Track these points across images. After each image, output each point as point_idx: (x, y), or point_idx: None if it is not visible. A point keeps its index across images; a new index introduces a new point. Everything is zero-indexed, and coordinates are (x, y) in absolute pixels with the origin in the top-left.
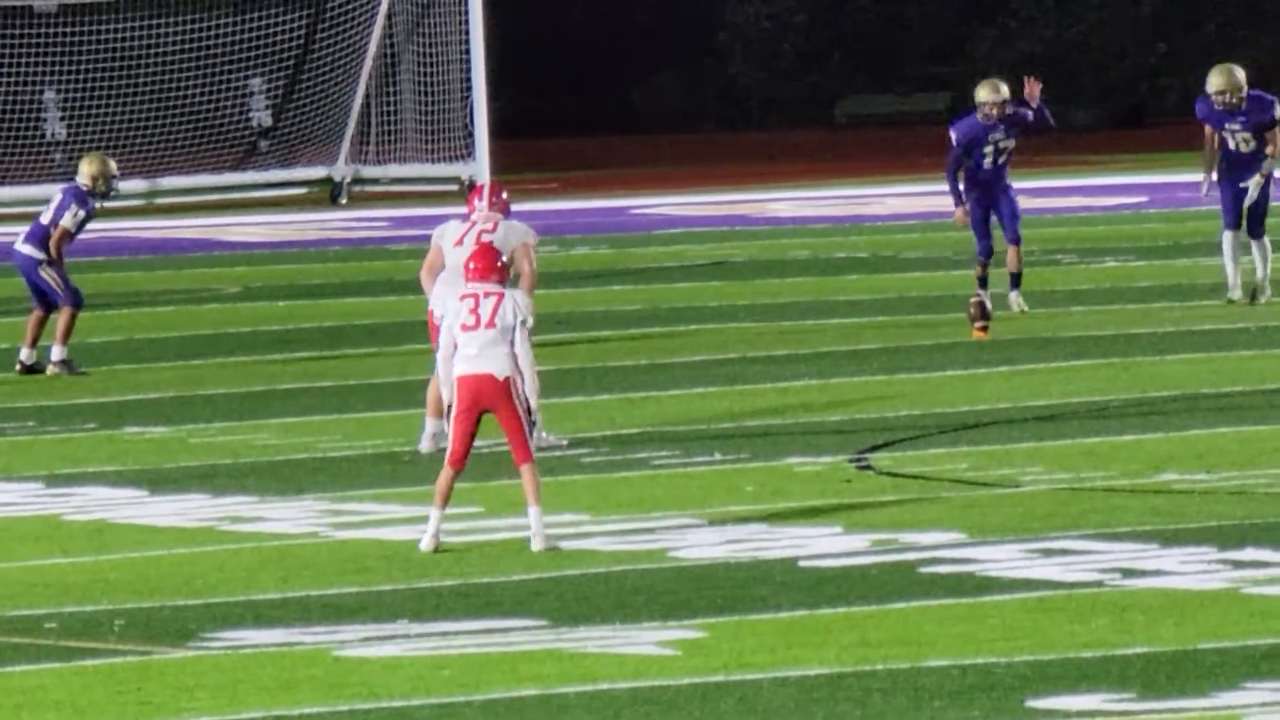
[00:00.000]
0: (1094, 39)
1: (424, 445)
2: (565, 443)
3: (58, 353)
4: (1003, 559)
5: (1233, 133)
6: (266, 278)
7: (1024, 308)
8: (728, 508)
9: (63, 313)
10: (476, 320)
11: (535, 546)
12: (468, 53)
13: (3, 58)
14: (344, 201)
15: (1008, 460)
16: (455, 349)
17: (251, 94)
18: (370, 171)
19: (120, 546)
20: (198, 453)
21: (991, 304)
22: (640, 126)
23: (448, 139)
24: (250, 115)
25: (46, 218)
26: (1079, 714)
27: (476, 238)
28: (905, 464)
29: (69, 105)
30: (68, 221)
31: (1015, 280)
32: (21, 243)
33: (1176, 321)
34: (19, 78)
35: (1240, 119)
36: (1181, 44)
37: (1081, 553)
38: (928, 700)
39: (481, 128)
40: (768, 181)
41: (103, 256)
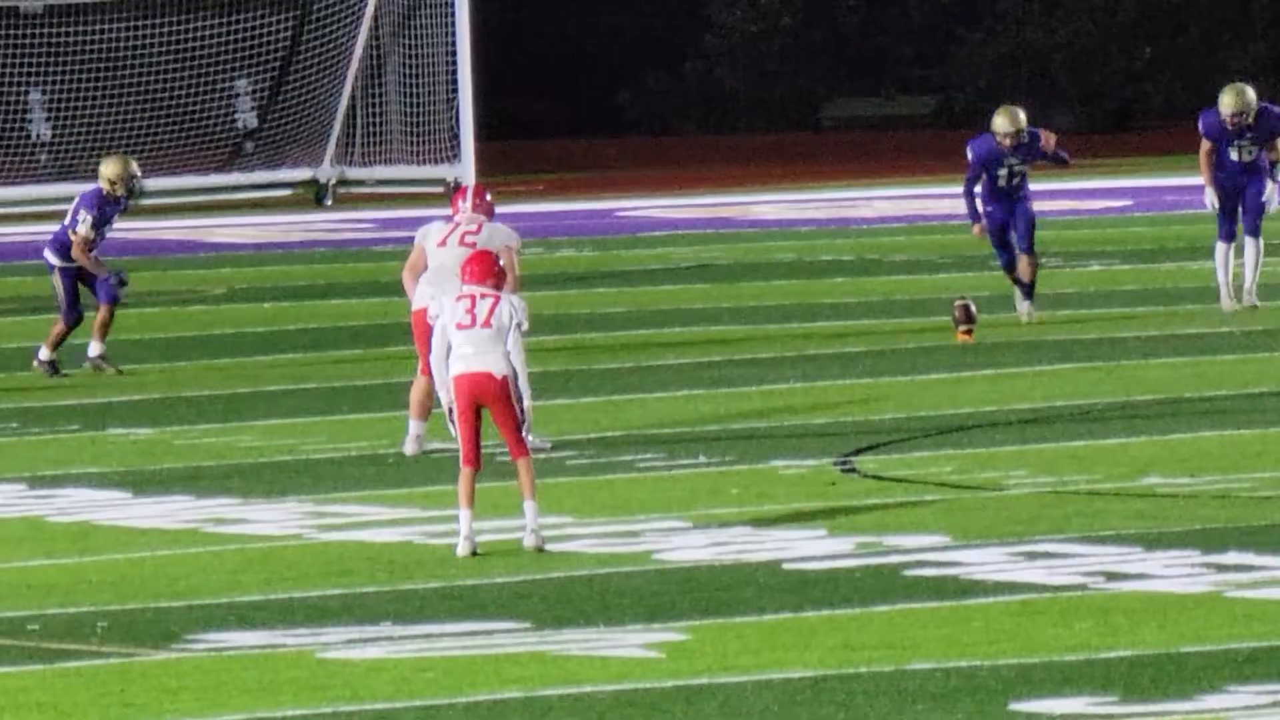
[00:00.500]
0: (1078, 42)
1: (408, 448)
2: (549, 445)
3: (44, 353)
4: (987, 562)
5: (1238, 147)
6: (252, 279)
7: (1033, 318)
8: (712, 510)
9: (57, 321)
10: (473, 319)
11: (527, 543)
12: (453, 54)
13: None
14: (329, 203)
15: (992, 463)
16: (449, 351)
17: (237, 95)
18: (356, 173)
19: (103, 548)
20: (182, 455)
21: (977, 309)
22: (626, 129)
23: (433, 141)
24: (236, 117)
25: (67, 222)
26: (1062, 717)
27: (460, 239)
28: (890, 467)
29: (54, 106)
30: (82, 229)
31: (1027, 290)
32: (46, 247)
33: (1161, 325)
34: (4, 79)
35: (1249, 135)
36: (1166, 48)
37: (1065, 556)
38: (911, 703)
39: (467, 129)
40: (753, 184)
41: None
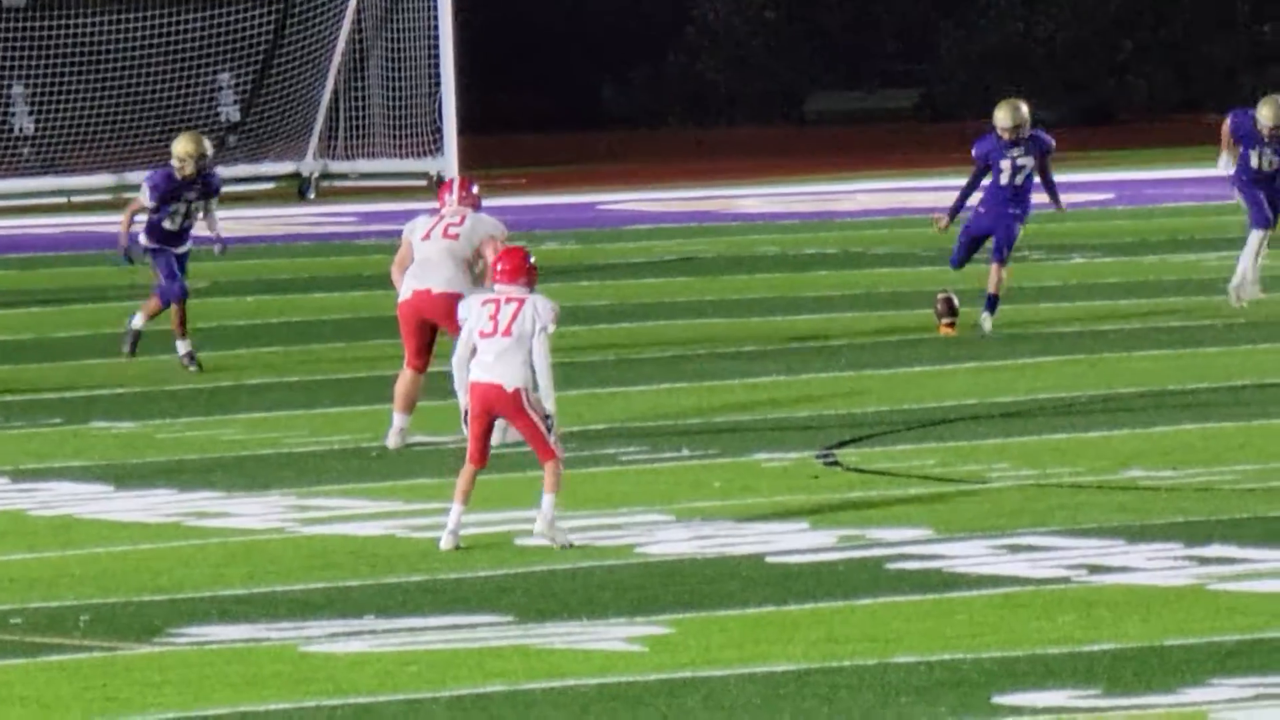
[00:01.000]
0: (1061, 35)
1: (391, 441)
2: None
3: (181, 346)
4: (970, 555)
5: (1260, 154)
6: (234, 273)
7: (986, 331)
8: (695, 504)
9: (172, 313)
10: (494, 327)
11: (535, 528)
12: (436, 48)
13: None
14: (312, 197)
15: (975, 456)
16: (473, 354)
17: (220, 89)
18: (338, 167)
19: (86, 542)
20: (164, 448)
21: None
22: (609, 122)
23: (416, 134)
24: (219, 110)
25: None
26: (1045, 710)
27: (443, 230)
28: (873, 460)
29: (37, 100)
30: (139, 196)
31: (991, 302)
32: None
33: (1143, 318)
34: None
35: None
36: (1148, 41)
37: (1048, 549)
38: (894, 697)
39: (450, 123)
40: (736, 178)
41: (68, 251)
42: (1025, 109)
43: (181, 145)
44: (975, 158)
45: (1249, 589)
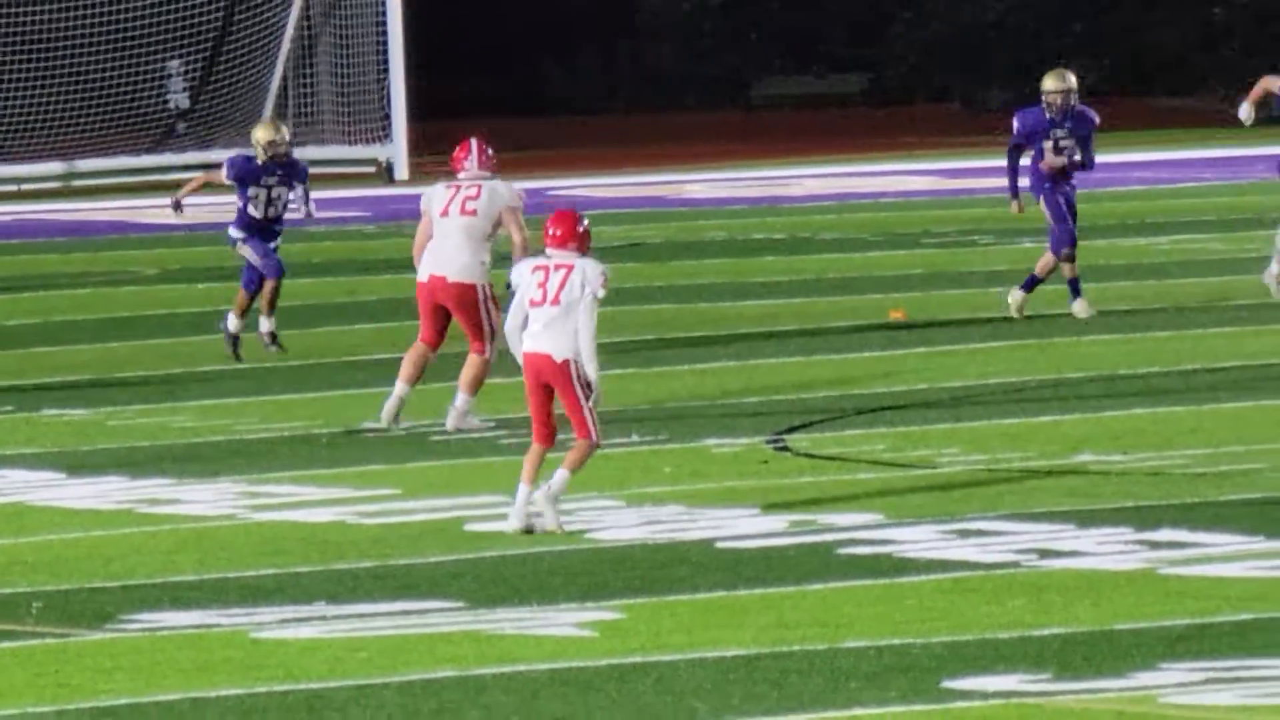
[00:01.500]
0: (1010, 20)
1: (386, 408)
2: (491, 424)
3: (264, 324)
4: (920, 540)
5: None
6: (184, 260)
7: (1089, 315)
8: (645, 489)
9: (266, 288)
10: (544, 295)
11: (537, 498)
12: (384, 35)
13: None
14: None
15: (925, 441)
16: (525, 323)
17: (169, 76)
18: None
19: (38, 529)
20: (115, 435)
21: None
22: (557, 108)
23: (365, 121)
24: (168, 97)
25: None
26: (995, 694)
27: (461, 207)
28: (823, 445)
29: None
30: (220, 172)
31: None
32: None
33: (1093, 302)
34: None
35: None
36: (1096, 25)
37: (998, 534)
38: (844, 681)
39: (399, 109)
40: (684, 163)
41: (18, 239)
42: (1072, 76)
43: (257, 132)
44: (1016, 131)
45: (1199, 573)
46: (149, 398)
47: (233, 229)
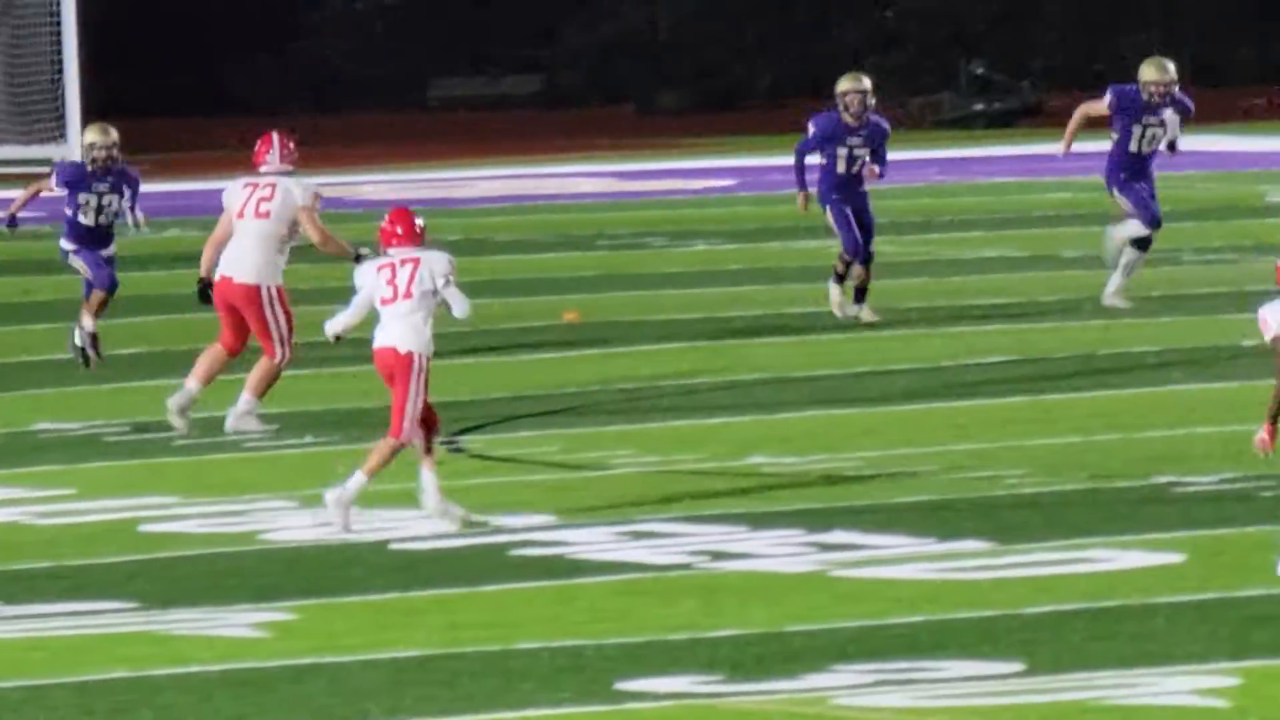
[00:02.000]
0: (685, 21)
1: (172, 401)
2: (275, 427)
3: (88, 322)
4: (592, 541)
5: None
6: None
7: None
8: (319, 490)
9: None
10: (394, 292)
11: (328, 495)
12: (59, 33)
13: None
14: None
15: (597, 443)
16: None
17: None
18: None
19: None
20: None
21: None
22: (234, 108)
23: (41, 120)
24: None
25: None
26: (668, 696)
27: (255, 208)
28: (496, 447)
29: None
30: (49, 180)
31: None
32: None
33: (766, 304)
34: None
35: None
36: (773, 27)
37: (670, 535)
38: (517, 682)
39: (73, 109)
40: (360, 164)
41: None
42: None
43: (85, 134)
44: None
45: (870, 575)
46: None
47: (63, 241)
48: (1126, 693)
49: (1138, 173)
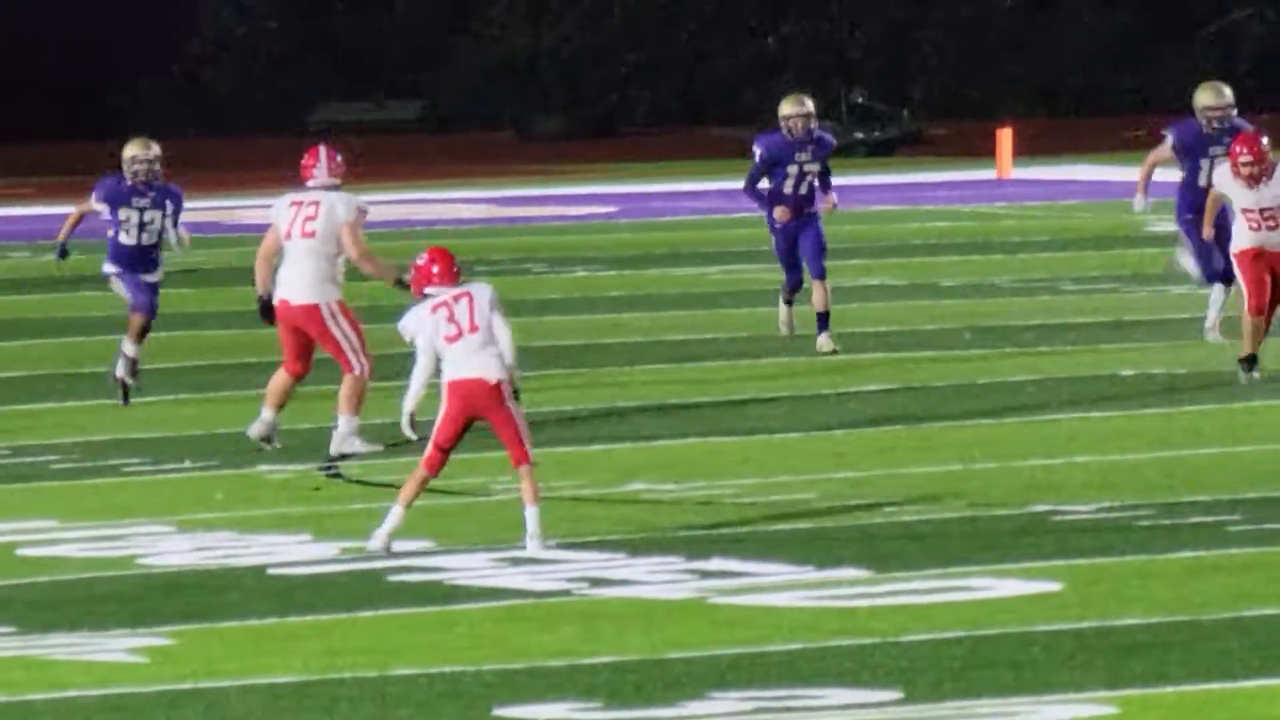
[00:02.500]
0: (566, 48)
1: (254, 430)
2: (380, 446)
3: (130, 348)
4: (471, 567)
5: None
6: None
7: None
8: (198, 515)
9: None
10: (458, 329)
11: (530, 549)
12: None
13: None
14: None
15: (477, 468)
16: (437, 365)
17: None
18: None
19: None
20: None
21: None
22: (119, 132)
23: None
24: None
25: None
26: None
27: (301, 228)
28: (375, 472)
29: None
30: (90, 200)
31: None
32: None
33: (646, 331)
34: None
35: None
36: (653, 54)
37: (550, 562)
38: (395, 708)
39: None
40: (241, 188)
41: None
42: (810, 101)
43: (125, 149)
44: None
45: (749, 602)
46: None
47: (106, 264)
48: None
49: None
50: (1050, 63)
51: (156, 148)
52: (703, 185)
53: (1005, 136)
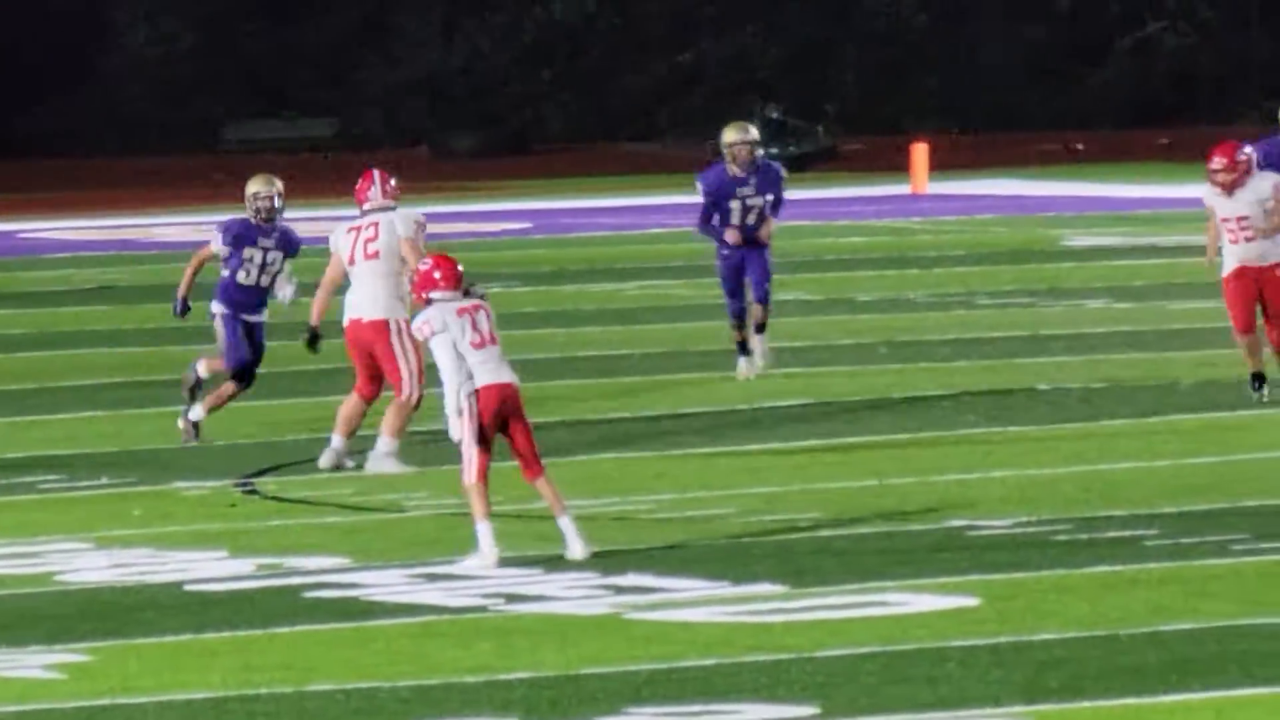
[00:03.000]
0: (477, 65)
1: (324, 460)
2: (419, 469)
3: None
4: (387, 584)
5: None
6: None
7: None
8: (114, 532)
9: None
10: (481, 338)
11: (574, 553)
12: None
13: None
14: None
15: (393, 485)
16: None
17: None
18: None
19: None
20: None
21: None
22: (30, 150)
23: None
24: None
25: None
26: None
27: (364, 252)
28: (291, 489)
29: None
30: (212, 244)
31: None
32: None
33: (562, 348)
34: None
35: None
36: (564, 71)
37: (465, 578)
38: None
39: None
40: (155, 206)
41: None
42: (754, 130)
43: (251, 185)
44: (704, 194)
45: (664, 618)
46: None
47: (214, 303)
48: None
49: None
50: (965, 78)
51: (279, 184)
52: (617, 201)
53: (920, 151)
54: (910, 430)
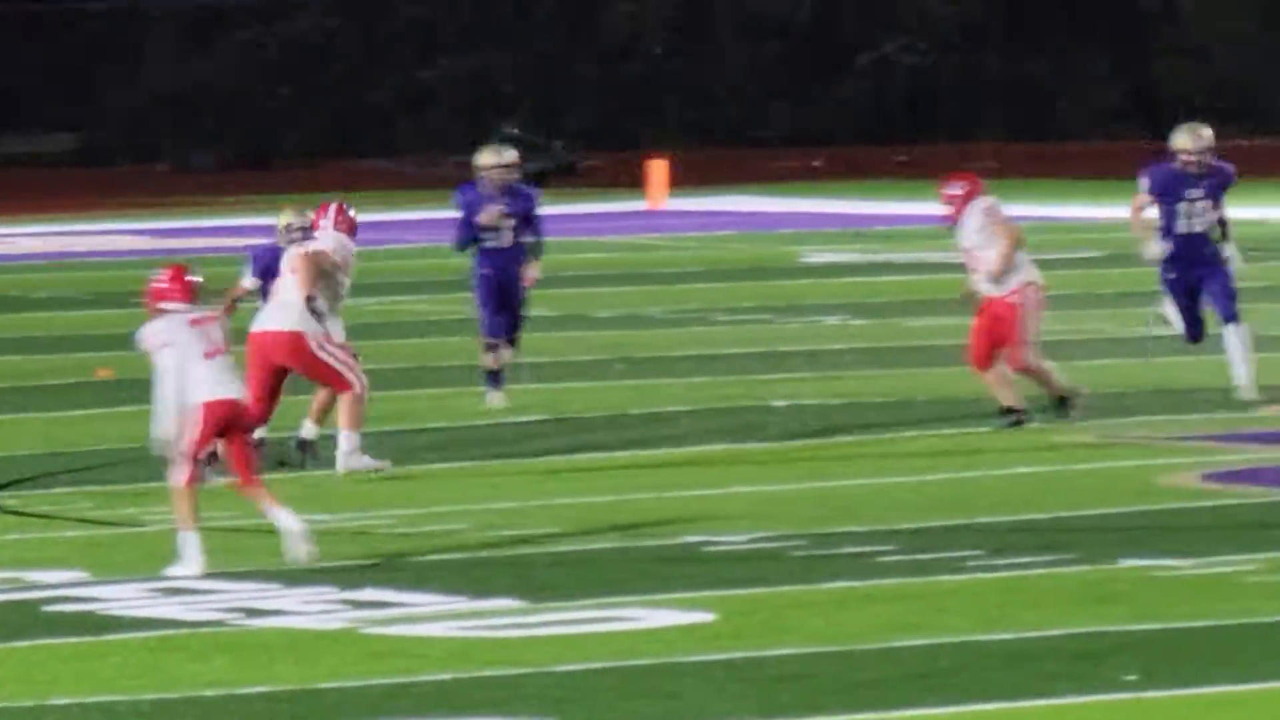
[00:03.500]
0: (220, 80)
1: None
2: (389, 463)
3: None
4: (125, 598)
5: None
6: None
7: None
8: None
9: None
10: (215, 347)
11: (298, 554)
12: None
13: None
14: None
15: (133, 500)
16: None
17: None
18: None
19: None
20: None
21: None
22: None
23: None
24: None
25: None
26: None
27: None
28: (31, 503)
29: None
30: (242, 280)
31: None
32: None
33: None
34: None
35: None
36: (304, 87)
37: (204, 592)
38: None
39: None
40: None
41: None
42: (513, 153)
43: (283, 216)
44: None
45: (402, 632)
46: None
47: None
48: None
49: (1193, 262)
50: (703, 94)
51: (311, 215)
52: (358, 218)
53: (659, 168)
54: (647, 446)
